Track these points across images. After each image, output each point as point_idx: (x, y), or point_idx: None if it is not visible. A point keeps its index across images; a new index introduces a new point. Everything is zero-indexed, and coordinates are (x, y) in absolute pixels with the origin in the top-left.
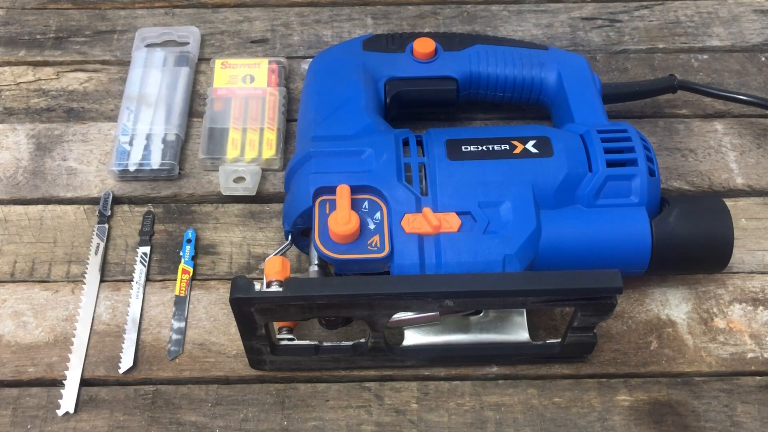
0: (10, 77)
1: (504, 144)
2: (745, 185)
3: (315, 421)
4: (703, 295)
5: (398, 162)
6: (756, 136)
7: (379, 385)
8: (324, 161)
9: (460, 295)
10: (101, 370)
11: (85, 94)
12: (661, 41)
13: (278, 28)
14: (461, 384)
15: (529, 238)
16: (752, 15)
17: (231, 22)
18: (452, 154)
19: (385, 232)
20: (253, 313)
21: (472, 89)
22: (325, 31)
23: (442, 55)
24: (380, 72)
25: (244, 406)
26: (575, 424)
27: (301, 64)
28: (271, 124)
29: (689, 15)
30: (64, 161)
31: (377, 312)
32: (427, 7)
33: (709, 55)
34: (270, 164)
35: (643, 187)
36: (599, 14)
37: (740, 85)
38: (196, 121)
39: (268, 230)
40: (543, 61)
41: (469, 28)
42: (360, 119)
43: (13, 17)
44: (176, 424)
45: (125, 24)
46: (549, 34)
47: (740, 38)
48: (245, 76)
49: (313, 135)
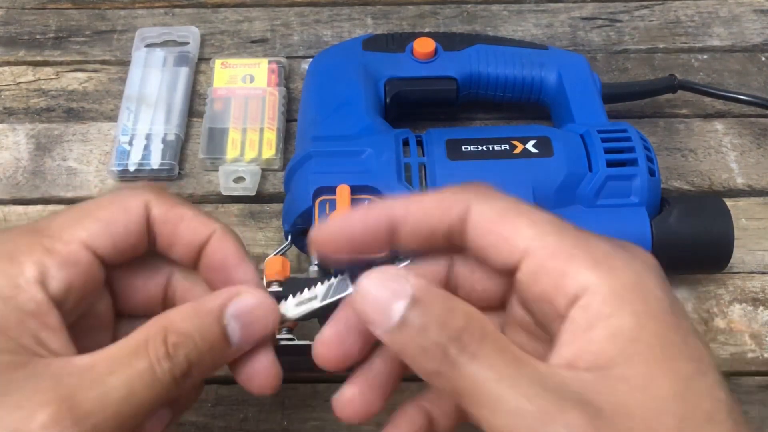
0: (9, 77)
1: (504, 144)
2: (746, 185)
3: (315, 421)
4: (703, 295)
5: (398, 162)
6: (756, 136)
7: None
8: (324, 161)
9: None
10: None
11: (85, 94)
12: (661, 41)
13: (278, 28)
14: None
15: None
16: (752, 15)
17: (231, 22)
18: (452, 154)
19: None
20: None
21: (472, 89)
22: (325, 31)
23: (442, 55)
24: (380, 72)
25: (244, 406)
26: None
27: (301, 64)
28: (271, 124)
29: (689, 15)
30: (63, 161)
31: None
32: (426, 7)
33: (710, 55)
34: (270, 164)
35: (644, 187)
36: (599, 14)
37: (740, 85)
38: (195, 121)
39: (268, 230)
40: (543, 61)
41: (469, 28)
42: (360, 119)
43: (13, 17)
44: (176, 424)
45: (125, 24)
46: (549, 34)
47: (741, 38)
48: (245, 76)
49: (313, 135)
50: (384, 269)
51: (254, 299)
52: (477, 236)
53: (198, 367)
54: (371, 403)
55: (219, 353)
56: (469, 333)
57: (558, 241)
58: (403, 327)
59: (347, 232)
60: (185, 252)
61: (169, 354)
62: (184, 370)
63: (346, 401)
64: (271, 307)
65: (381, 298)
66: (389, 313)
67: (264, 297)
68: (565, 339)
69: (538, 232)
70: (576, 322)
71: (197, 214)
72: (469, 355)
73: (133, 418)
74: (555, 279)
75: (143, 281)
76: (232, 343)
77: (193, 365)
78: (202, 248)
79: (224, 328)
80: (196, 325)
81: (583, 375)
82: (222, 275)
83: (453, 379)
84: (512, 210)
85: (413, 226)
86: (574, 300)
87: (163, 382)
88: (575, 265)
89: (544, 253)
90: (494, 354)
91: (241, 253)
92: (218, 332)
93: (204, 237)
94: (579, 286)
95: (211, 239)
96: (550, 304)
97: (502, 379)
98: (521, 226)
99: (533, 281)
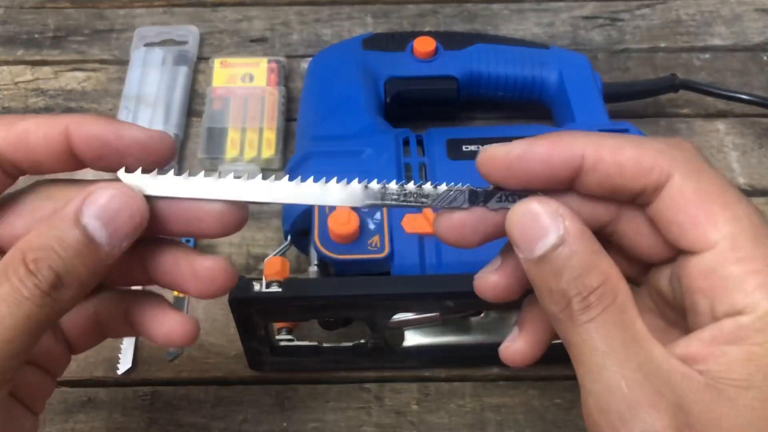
0: (8, 77)
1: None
2: (747, 185)
3: (315, 422)
4: None
5: (398, 162)
6: (758, 135)
7: (379, 386)
8: (323, 161)
9: (461, 296)
10: (100, 370)
11: (84, 94)
12: (662, 40)
13: (277, 27)
14: (462, 385)
15: None
16: (754, 14)
17: (230, 21)
18: (453, 153)
19: (385, 232)
20: (252, 313)
21: (473, 88)
22: (325, 30)
23: (442, 54)
24: (380, 71)
25: (244, 407)
26: (576, 425)
27: (300, 63)
28: (271, 123)
29: (691, 14)
30: None
31: (377, 313)
32: (427, 5)
33: (711, 55)
34: (269, 164)
35: None
36: (600, 13)
37: (742, 85)
38: (195, 121)
39: (267, 230)
40: (544, 61)
41: (470, 27)
42: (360, 118)
43: (12, 16)
44: (175, 425)
45: (124, 23)
46: (550, 33)
47: (742, 37)
48: (244, 75)
49: (313, 134)
50: (546, 201)
51: (108, 192)
52: (667, 208)
53: (71, 276)
54: (535, 352)
55: (91, 257)
56: (597, 295)
57: (753, 248)
58: (542, 263)
59: (526, 165)
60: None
61: (31, 271)
62: (53, 281)
63: (514, 350)
64: (129, 194)
65: (531, 229)
66: (534, 245)
67: (119, 186)
68: (702, 336)
69: (734, 231)
70: (723, 329)
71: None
72: (588, 317)
73: (8, 343)
74: (728, 284)
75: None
76: (101, 243)
77: (62, 275)
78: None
79: (84, 229)
80: (53, 236)
81: (696, 377)
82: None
83: (566, 330)
84: (715, 195)
85: (602, 178)
86: (733, 313)
87: (33, 300)
88: (757, 281)
89: (732, 256)
90: (613, 326)
91: (109, 121)
92: (79, 236)
93: (58, 134)
94: (747, 304)
95: (69, 132)
96: (708, 301)
97: (610, 354)
98: (719, 219)
99: (705, 275)
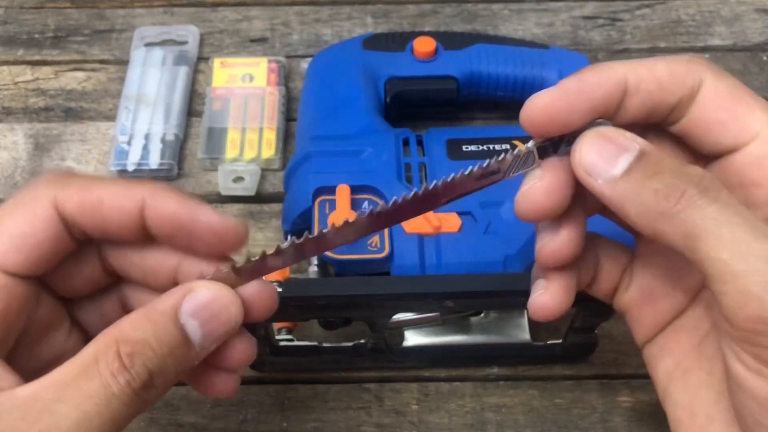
0: (8, 77)
1: (505, 143)
2: None
3: (315, 422)
4: None
5: (398, 162)
6: None
7: (379, 386)
8: (323, 161)
9: (461, 296)
10: None
11: (84, 94)
12: (662, 40)
13: (278, 27)
14: (462, 385)
15: (531, 238)
16: (754, 14)
17: (230, 21)
18: (453, 153)
19: (385, 232)
20: None
21: (473, 88)
22: (325, 30)
23: (442, 54)
24: (380, 71)
25: (244, 407)
26: (576, 425)
27: (300, 64)
28: (271, 123)
29: (691, 14)
30: (62, 161)
31: (377, 313)
32: (427, 5)
33: (711, 55)
34: (269, 164)
35: None
36: (600, 13)
37: None
38: (195, 121)
39: (267, 230)
40: (544, 60)
41: (470, 27)
42: (360, 118)
43: (12, 16)
44: (175, 425)
45: (124, 23)
46: (550, 33)
47: (742, 37)
48: (244, 75)
49: (313, 134)
50: (610, 128)
51: (210, 292)
52: (705, 110)
53: (161, 376)
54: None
55: (182, 357)
56: (708, 179)
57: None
58: (631, 173)
59: (586, 95)
60: (122, 232)
61: (125, 366)
62: (145, 381)
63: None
64: (230, 297)
65: (607, 150)
66: (615, 162)
67: (220, 288)
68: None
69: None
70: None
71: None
72: (711, 198)
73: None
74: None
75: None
76: (194, 343)
77: (154, 374)
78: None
79: (182, 328)
80: (150, 330)
81: None
82: (181, 233)
83: (689, 218)
84: (745, 91)
85: (645, 97)
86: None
87: (122, 398)
88: None
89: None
90: (737, 204)
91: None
92: (176, 334)
93: (133, 208)
94: None
95: (145, 206)
96: (763, 190)
97: (747, 225)
98: (756, 108)
99: (756, 165)
